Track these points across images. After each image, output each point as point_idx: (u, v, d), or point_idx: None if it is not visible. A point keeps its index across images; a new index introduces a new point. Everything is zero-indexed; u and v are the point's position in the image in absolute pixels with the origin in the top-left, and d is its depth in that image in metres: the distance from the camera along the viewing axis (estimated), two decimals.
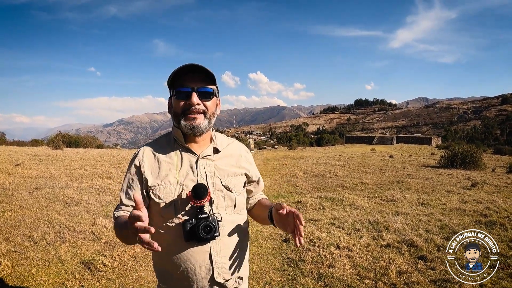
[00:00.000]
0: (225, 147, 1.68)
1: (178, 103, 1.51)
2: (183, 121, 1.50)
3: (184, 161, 1.56)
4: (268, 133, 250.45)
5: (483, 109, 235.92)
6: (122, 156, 17.58)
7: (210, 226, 1.41)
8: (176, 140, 1.60)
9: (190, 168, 1.55)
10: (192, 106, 1.48)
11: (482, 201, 7.83)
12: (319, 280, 3.93)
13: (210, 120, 1.55)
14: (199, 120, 1.50)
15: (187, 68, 1.47)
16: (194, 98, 1.47)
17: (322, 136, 70.48)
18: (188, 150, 1.57)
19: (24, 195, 7.40)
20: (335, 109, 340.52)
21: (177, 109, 1.52)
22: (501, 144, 77.40)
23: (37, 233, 5.07)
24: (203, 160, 1.57)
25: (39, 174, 10.32)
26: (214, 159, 1.61)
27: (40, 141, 32.31)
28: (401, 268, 4.16)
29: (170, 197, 1.50)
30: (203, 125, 1.51)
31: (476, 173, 13.90)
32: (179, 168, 1.55)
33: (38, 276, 3.82)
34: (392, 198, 8.28)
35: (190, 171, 1.54)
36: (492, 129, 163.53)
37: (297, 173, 13.45)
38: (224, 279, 1.54)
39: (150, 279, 4.00)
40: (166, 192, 1.50)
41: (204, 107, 1.51)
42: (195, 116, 1.49)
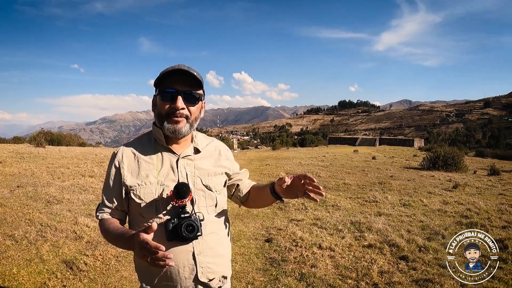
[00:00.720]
0: (205, 146, 1.69)
1: (163, 105, 1.51)
2: (166, 123, 1.50)
3: (164, 161, 1.57)
4: (251, 133, 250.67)
5: (465, 112, 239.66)
6: (104, 155, 17.41)
7: (193, 225, 1.40)
8: (156, 140, 1.60)
9: (170, 168, 1.56)
10: (177, 111, 1.48)
11: (463, 203, 7.97)
12: (301, 280, 3.96)
13: (192, 124, 1.56)
14: (182, 124, 1.50)
15: (176, 70, 1.47)
16: (179, 103, 1.48)
17: (306, 137, 70.72)
18: (169, 150, 1.58)
19: (5, 193, 7.29)
20: (318, 110, 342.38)
21: (161, 111, 1.52)
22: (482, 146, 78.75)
23: (18, 232, 5.00)
24: (183, 160, 1.58)
25: (20, 172, 10.17)
26: (195, 159, 1.61)
27: (22, 138, 31.79)
28: (383, 268, 4.21)
29: (151, 197, 1.50)
30: (185, 129, 1.51)
31: (457, 175, 14.12)
32: (159, 168, 1.55)
33: (20, 276, 3.77)
34: (374, 199, 8.37)
35: (171, 171, 1.55)
36: (474, 132, 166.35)
37: (280, 173, 13.48)
38: (208, 278, 1.55)
39: (133, 278, 3.98)
40: (146, 192, 1.51)
41: (188, 112, 1.52)
42: (178, 119, 1.49)
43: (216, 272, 1.58)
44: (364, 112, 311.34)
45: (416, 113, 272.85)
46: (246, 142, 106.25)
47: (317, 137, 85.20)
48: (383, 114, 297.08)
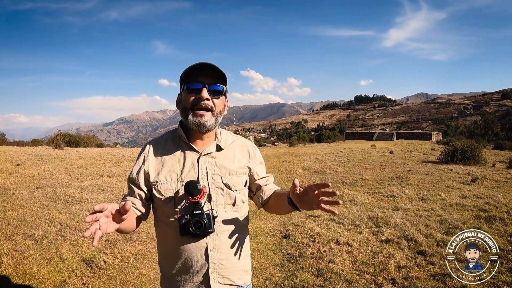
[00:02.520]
0: (229, 144, 1.70)
1: (188, 97, 1.53)
2: (191, 116, 1.52)
3: (186, 158, 1.59)
4: (268, 130, 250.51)
5: (483, 104, 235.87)
6: (122, 155, 17.58)
7: (201, 223, 1.44)
8: (180, 137, 1.63)
9: (191, 165, 1.58)
10: (202, 101, 1.51)
11: (482, 196, 7.85)
12: (318, 275, 3.95)
13: (217, 118, 1.58)
14: (207, 117, 1.52)
15: (200, 65, 1.50)
16: (204, 93, 1.50)
17: (322, 133, 70.42)
18: (191, 148, 1.60)
19: (25, 195, 7.42)
20: (335, 106, 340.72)
21: (186, 103, 1.54)
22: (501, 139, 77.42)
23: (38, 232, 5.09)
24: (205, 157, 1.60)
25: (39, 174, 10.33)
26: (216, 157, 1.63)
27: (40, 140, 32.30)
28: (400, 263, 4.18)
29: (170, 193, 1.54)
30: (209, 122, 1.53)
31: (476, 168, 13.92)
32: (181, 165, 1.58)
33: (40, 275, 3.84)
34: (392, 193, 8.30)
35: (192, 168, 1.57)
36: (492, 124, 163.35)
37: (297, 169, 13.46)
38: (220, 274, 1.57)
39: (151, 276, 4.03)
40: (166, 188, 1.55)
41: (212, 103, 1.54)
42: (202, 113, 1.52)
43: (229, 269, 1.60)
44: (380, 107, 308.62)
45: (433, 106, 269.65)
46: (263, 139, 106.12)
47: (334, 132, 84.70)
48: (400, 108, 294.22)
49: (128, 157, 16.21)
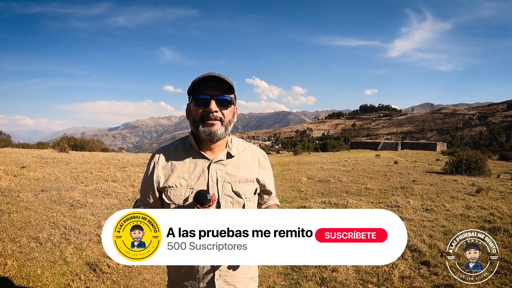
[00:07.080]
0: (240, 151, 1.71)
1: (197, 110, 1.56)
2: (201, 127, 1.54)
3: (197, 166, 1.61)
4: (273, 138, 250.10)
5: (488, 115, 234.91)
6: (127, 160, 17.65)
7: None
8: (191, 145, 1.65)
9: (201, 172, 1.60)
10: (210, 113, 1.53)
11: (487, 207, 7.81)
12: (322, 284, 3.94)
13: (226, 127, 1.60)
14: (217, 126, 1.54)
15: (208, 77, 1.52)
16: (212, 106, 1.52)
17: (327, 142, 70.21)
18: (202, 155, 1.62)
19: (30, 197, 7.46)
20: (340, 115, 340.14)
21: (195, 116, 1.57)
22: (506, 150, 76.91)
23: (42, 234, 5.11)
24: (215, 165, 1.62)
25: (44, 177, 10.39)
26: (227, 164, 1.64)
27: (45, 143, 32.37)
28: (404, 273, 4.16)
29: (180, 200, 1.56)
30: (220, 131, 1.55)
31: (481, 179, 13.85)
32: (191, 172, 1.60)
33: (44, 277, 3.86)
34: (396, 203, 8.27)
35: (202, 176, 1.59)
36: (497, 135, 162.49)
37: (302, 178, 13.44)
38: (226, 282, 1.58)
39: (155, 281, 4.03)
40: (176, 194, 1.57)
41: (221, 114, 1.56)
42: (212, 122, 1.54)
43: (235, 277, 1.61)
44: (385, 116, 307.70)
45: (439, 117, 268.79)
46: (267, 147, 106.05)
47: (338, 141, 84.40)
48: (405, 118, 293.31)
49: (133, 163, 16.27)
